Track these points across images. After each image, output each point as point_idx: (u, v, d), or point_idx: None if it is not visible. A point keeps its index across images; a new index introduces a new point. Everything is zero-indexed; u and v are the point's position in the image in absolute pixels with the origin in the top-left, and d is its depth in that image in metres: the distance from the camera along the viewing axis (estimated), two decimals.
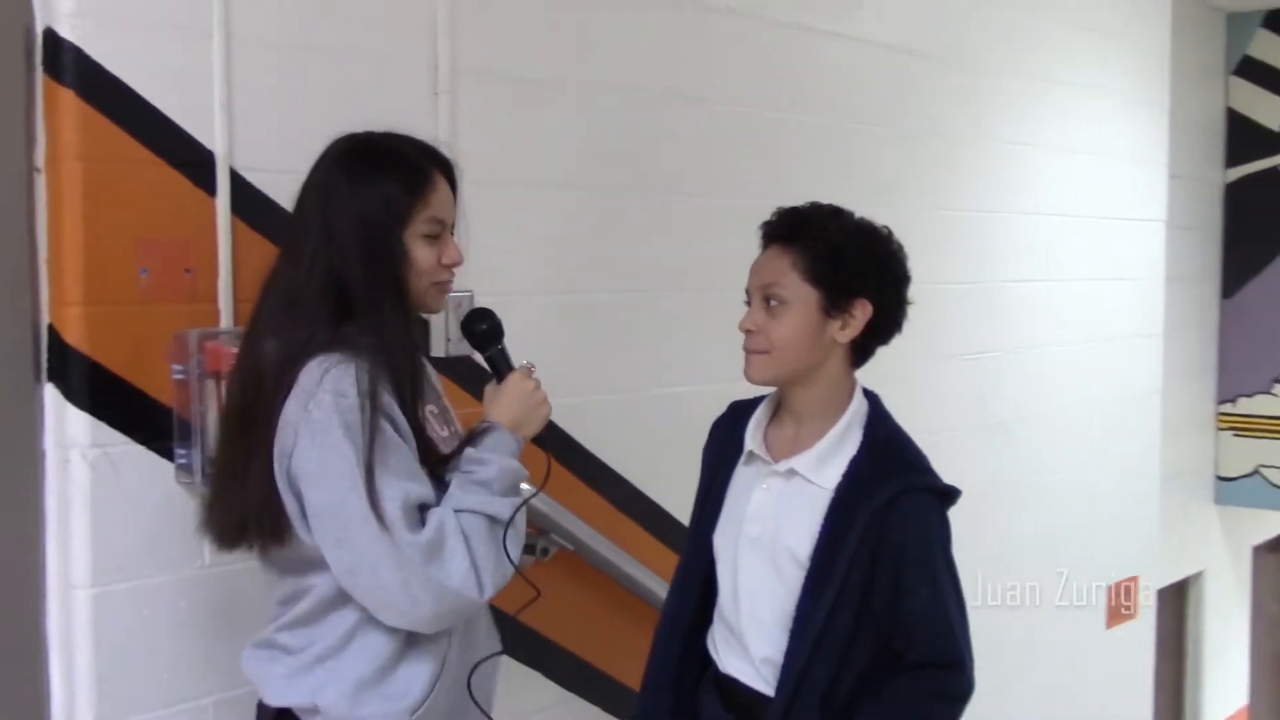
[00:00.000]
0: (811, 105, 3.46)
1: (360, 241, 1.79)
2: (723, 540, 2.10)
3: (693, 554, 2.17)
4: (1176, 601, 6.27)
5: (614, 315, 2.95)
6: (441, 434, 1.91)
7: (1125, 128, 4.86)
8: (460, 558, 1.74)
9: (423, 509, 1.76)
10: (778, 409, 2.11)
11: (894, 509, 1.93)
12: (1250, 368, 6.18)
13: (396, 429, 1.75)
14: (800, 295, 1.97)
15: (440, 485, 1.81)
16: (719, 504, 2.12)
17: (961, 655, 2.00)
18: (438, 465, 1.82)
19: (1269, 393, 6.15)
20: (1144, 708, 5.23)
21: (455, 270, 1.92)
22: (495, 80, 2.66)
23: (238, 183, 2.23)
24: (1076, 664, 4.71)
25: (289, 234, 1.86)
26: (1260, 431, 6.19)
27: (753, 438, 2.09)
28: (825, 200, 2.08)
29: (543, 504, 2.71)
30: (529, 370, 1.99)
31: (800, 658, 1.95)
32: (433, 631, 1.80)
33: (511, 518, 1.81)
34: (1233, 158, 6.19)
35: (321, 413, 1.70)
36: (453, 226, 1.92)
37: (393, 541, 1.69)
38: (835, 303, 1.97)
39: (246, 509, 1.78)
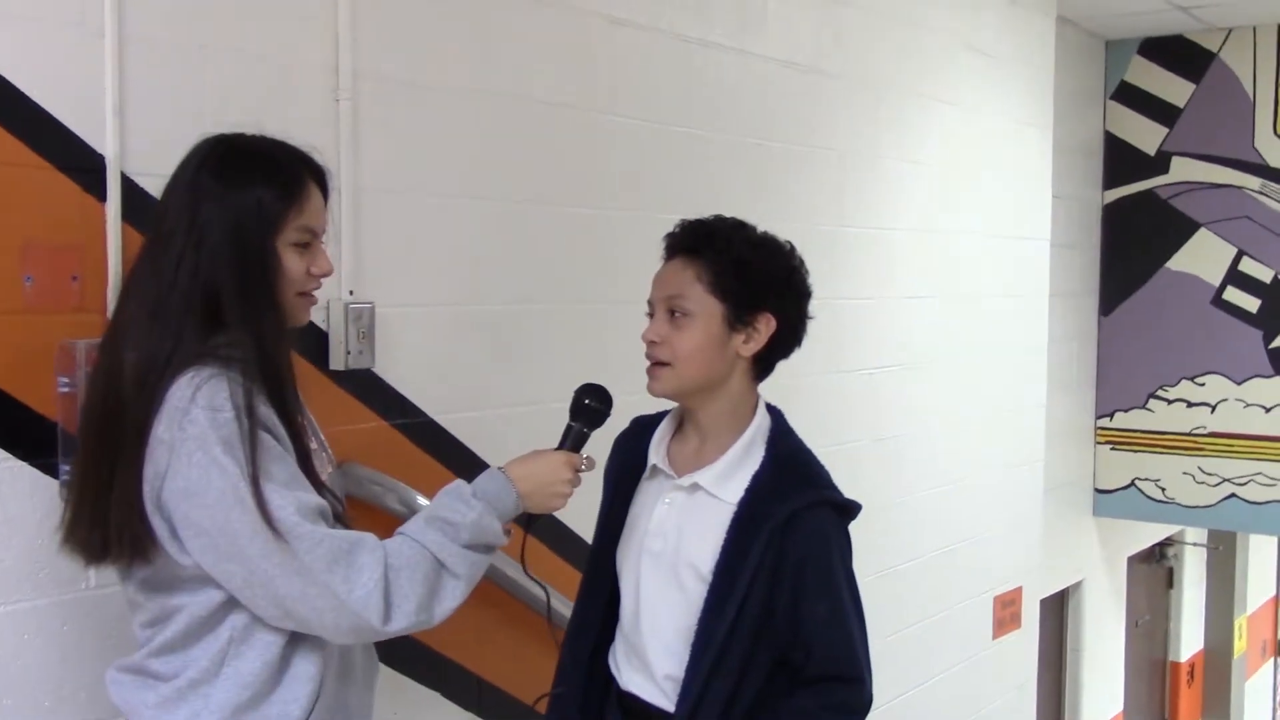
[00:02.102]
0: (715, 121, 3.47)
1: (232, 247, 1.71)
2: (625, 555, 2.09)
3: (596, 570, 2.16)
4: (1057, 611, 6.43)
5: (514, 327, 2.91)
6: (311, 446, 1.83)
7: (1012, 148, 4.97)
8: (370, 575, 1.67)
9: (324, 517, 1.70)
10: (681, 423, 2.10)
11: (795, 524, 1.94)
12: (1127, 383, 6.38)
13: (277, 440, 1.69)
14: (705, 308, 1.97)
15: (321, 496, 1.74)
16: (621, 519, 2.11)
17: (860, 670, 2.02)
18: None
19: (1144, 408, 6.35)
20: (1028, 715, 5.34)
21: (322, 281, 1.85)
22: (397, 86, 2.61)
23: (129, 188, 2.15)
24: (966, 675, 4.80)
25: (152, 236, 1.77)
26: (1136, 446, 6.38)
27: (656, 452, 2.08)
28: (724, 214, 2.09)
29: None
30: (580, 463, 1.94)
31: (701, 673, 1.94)
32: (345, 644, 1.74)
33: (469, 578, 1.76)
34: (1111, 179, 6.38)
35: (197, 430, 1.63)
36: (323, 236, 1.84)
37: (288, 551, 1.63)
38: (739, 316, 1.98)
39: (109, 528, 1.70)
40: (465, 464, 2.79)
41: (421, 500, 2.62)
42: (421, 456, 2.70)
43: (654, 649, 2.02)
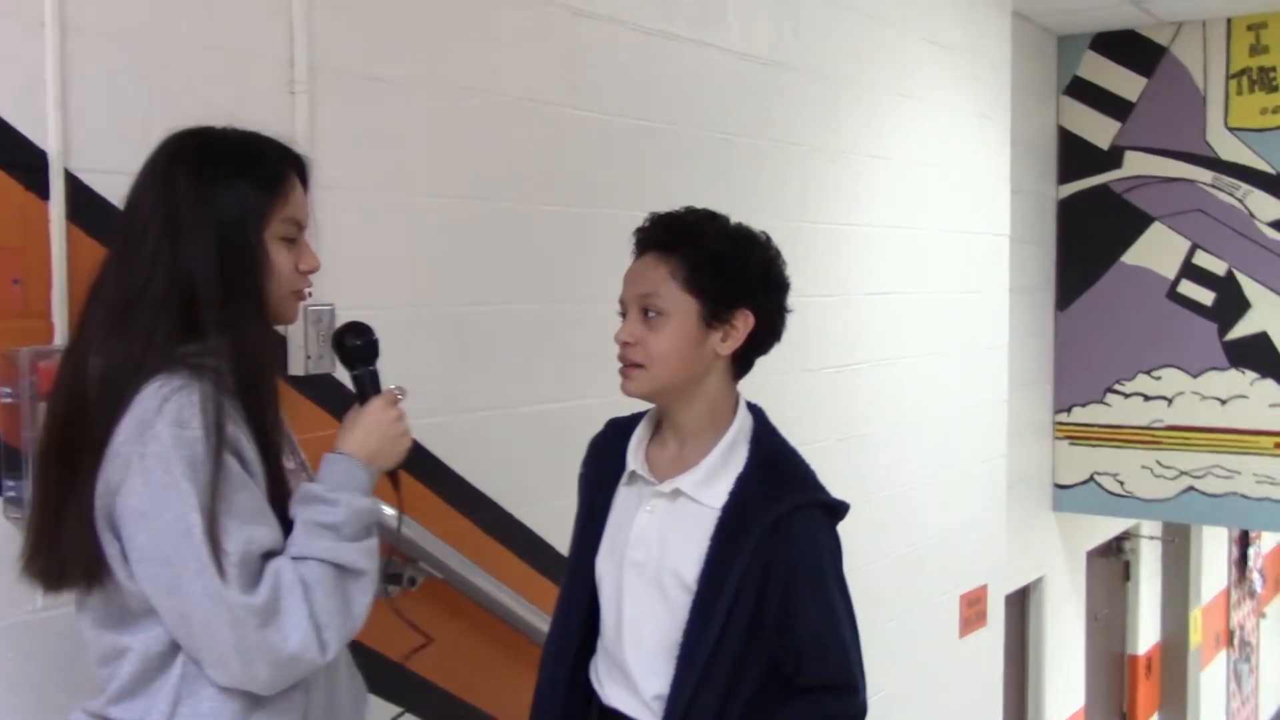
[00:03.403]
0: (678, 114, 3.39)
1: (214, 244, 1.60)
2: (606, 567, 1.99)
3: (574, 582, 2.06)
4: (1018, 607, 6.41)
5: (479, 328, 2.81)
6: (288, 466, 1.72)
7: (970, 142, 4.94)
8: (299, 616, 1.56)
9: (266, 558, 1.59)
10: (659, 426, 2.01)
11: (783, 527, 1.86)
12: (1084, 378, 6.38)
13: (244, 464, 1.58)
14: (679, 305, 1.88)
15: (287, 524, 1.64)
16: (600, 528, 2.02)
17: (854, 677, 1.94)
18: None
19: (1102, 402, 6.35)
20: (995, 714, 5.31)
21: (312, 278, 1.75)
22: (355, 79, 2.51)
23: (74, 185, 2.03)
24: (934, 675, 4.76)
25: (121, 237, 1.65)
26: (1094, 440, 6.39)
27: (634, 457, 1.99)
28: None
29: (409, 529, 2.56)
30: (395, 397, 1.82)
31: (688, 687, 1.86)
32: (270, 694, 1.61)
33: (373, 568, 1.66)
34: (1065, 174, 6.39)
35: (159, 447, 1.51)
36: (308, 230, 1.75)
37: (227, 600, 1.52)
38: (716, 313, 1.90)
39: (64, 550, 1.58)
40: (431, 470, 2.69)
41: (387, 509, 2.52)
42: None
43: (638, 664, 1.93)
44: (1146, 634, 8.20)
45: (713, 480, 1.91)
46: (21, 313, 1.98)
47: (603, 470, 2.04)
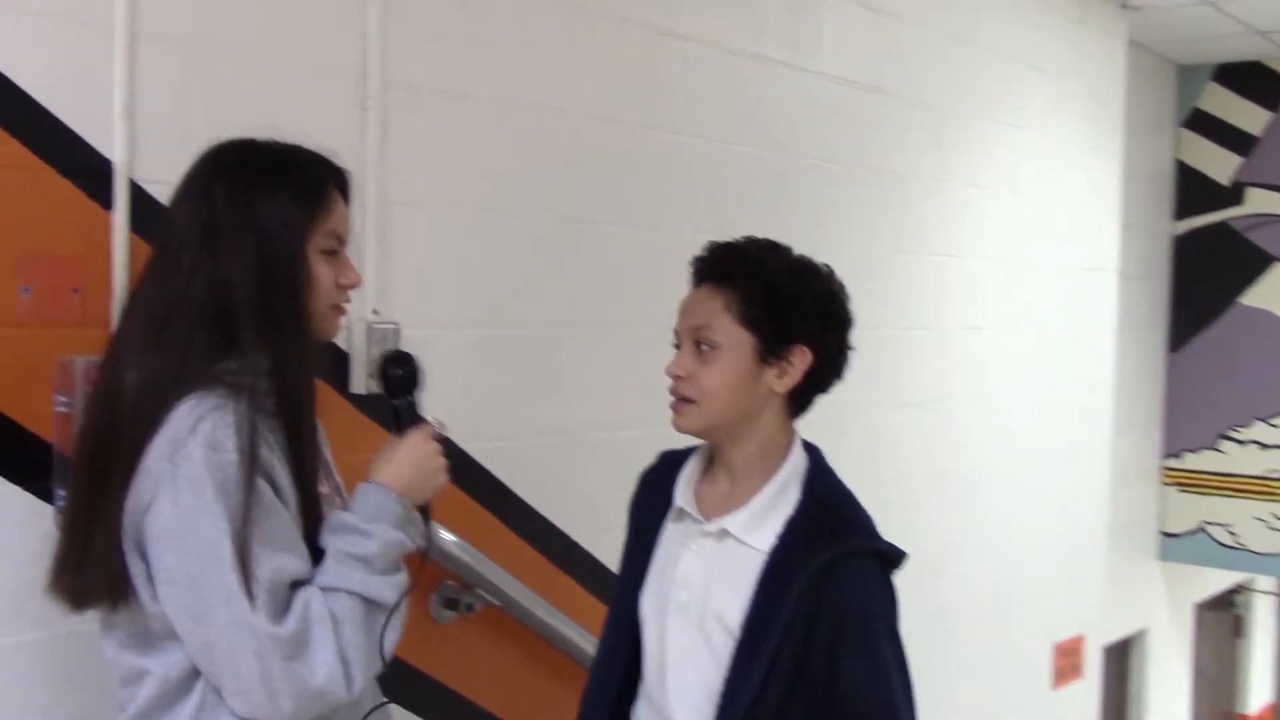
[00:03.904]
0: (767, 138, 3.31)
1: (255, 256, 1.56)
2: (650, 606, 1.90)
3: (618, 620, 1.97)
4: (1119, 660, 6.16)
5: (550, 352, 2.76)
6: (321, 490, 1.68)
7: (1080, 174, 4.78)
8: (327, 650, 1.51)
9: (294, 586, 1.53)
10: (710, 462, 1.92)
11: (832, 574, 1.75)
12: (1196, 423, 6.12)
13: (277, 490, 1.53)
14: (733, 340, 1.79)
15: (317, 551, 1.59)
16: (646, 564, 1.93)
17: None
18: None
19: (1214, 449, 6.08)
20: None
21: (351, 293, 1.70)
22: (429, 94, 2.48)
23: (138, 195, 2.02)
24: None
25: (160, 247, 1.62)
26: (1205, 488, 6.12)
27: (683, 493, 1.91)
28: (776, 238, 1.91)
29: (467, 555, 2.51)
30: (435, 431, 1.76)
31: None
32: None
33: (397, 604, 1.60)
34: (1182, 209, 6.15)
35: (191, 468, 1.47)
36: (348, 244, 1.70)
37: (254, 629, 1.47)
38: (771, 348, 1.80)
39: (90, 570, 1.55)
40: (496, 495, 2.63)
41: (445, 534, 2.48)
42: (447, 486, 2.54)
43: (680, 710, 1.84)
44: (1258, 693, 7.83)
45: (761, 522, 1.81)
46: (80, 321, 1.97)
47: (652, 504, 1.96)
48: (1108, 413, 5.07)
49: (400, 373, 1.78)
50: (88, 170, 1.97)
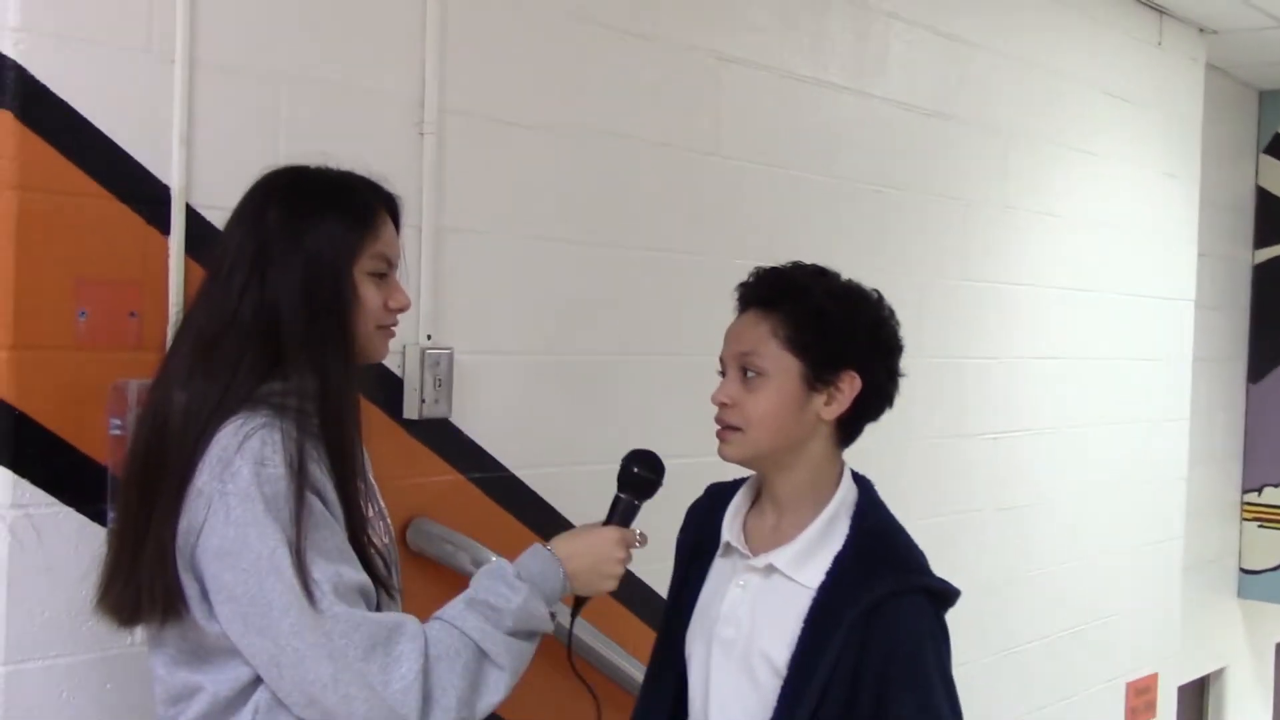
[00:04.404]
0: (829, 164, 3.28)
1: (302, 277, 1.59)
2: (695, 642, 1.87)
3: (663, 657, 1.94)
4: (1196, 700, 5.97)
5: (604, 379, 2.75)
6: (367, 513, 1.68)
7: (1154, 202, 4.67)
8: (410, 666, 1.51)
9: (365, 597, 1.54)
10: (758, 495, 1.89)
11: (881, 613, 1.70)
12: (1278, 456, 5.93)
13: (326, 505, 1.54)
14: (780, 366, 1.76)
15: (370, 571, 1.59)
16: (693, 600, 1.90)
17: None
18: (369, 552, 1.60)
19: None
20: None
21: (400, 316, 1.72)
22: (485, 121, 2.48)
23: (195, 221, 2.05)
24: None
25: (212, 270, 1.65)
26: None
27: (730, 527, 1.87)
28: (837, 265, 1.88)
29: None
30: (633, 539, 1.78)
31: None
32: None
33: (513, 671, 1.60)
34: (1262, 238, 5.98)
35: (240, 484, 1.49)
36: (397, 268, 1.71)
37: (323, 630, 1.47)
38: (819, 375, 1.76)
39: (140, 585, 1.56)
40: (547, 522, 2.61)
41: (496, 559, 2.47)
42: (499, 513, 2.54)
43: None
44: None
45: (810, 557, 1.77)
46: (136, 345, 2.00)
47: (699, 539, 1.93)
48: (1184, 445, 4.94)
49: (643, 476, 1.82)
50: (146, 196, 2.00)
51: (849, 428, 1.82)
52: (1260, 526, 6.01)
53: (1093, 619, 4.42)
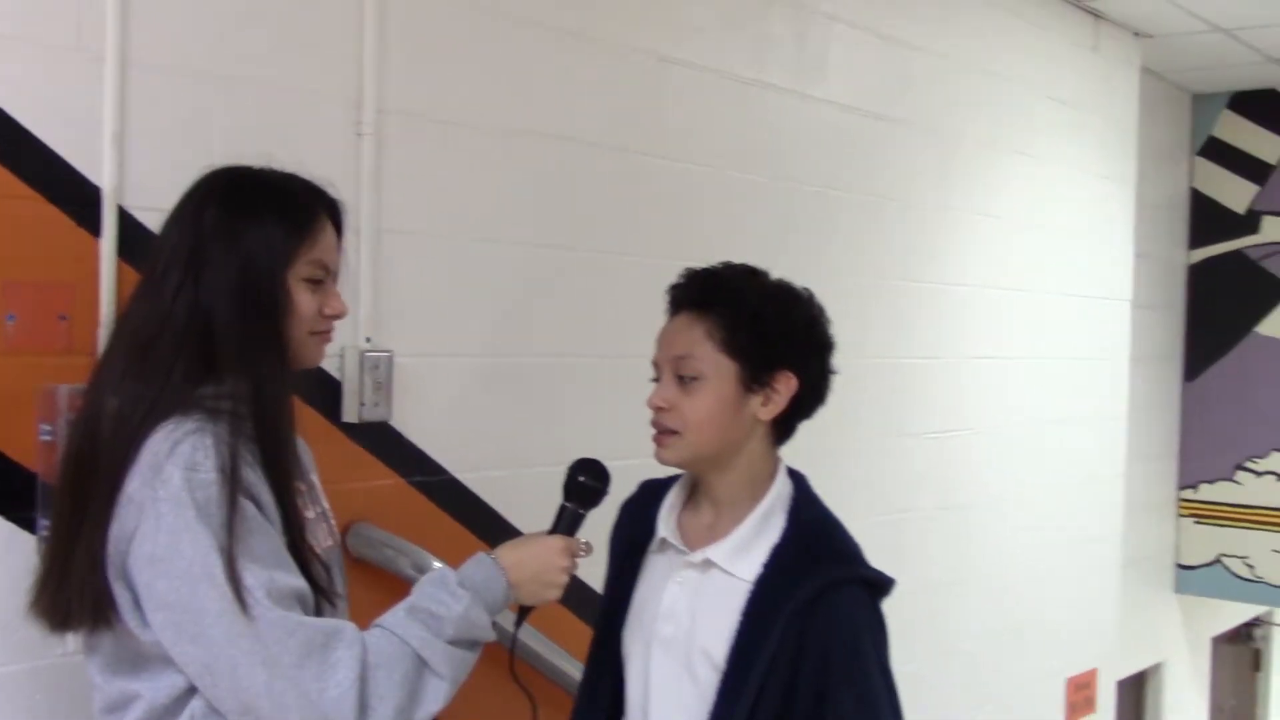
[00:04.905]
0: (770, 165, 3.28)
1: (236, 281, 1.56)
2: (633, 641, 1.86)
3: (600, 657, 1.94)
4: (1134, 695, 6.07)
5: (546, 381, 2.73)
6: (307, 515, 1.66)
7: (1092, 203, 4.74)
8: (346, 673, 1.48)
9: (303, 603, 1.52)
10: (693, 491, 1.89)
11: (819, 605, 1.71)
12: (1213, 453, 6.04)
13: (261, 509, 1.52)
14: (717, 369, 1.76)
15: (309, 576, 1.56)
16: (628, 597, 1.89)
17: None
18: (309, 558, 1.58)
19: (1231, 480, 6.00)
20: None
21: (336, 325, 1.70)
22: (424, 122, 2.47)
23: (127, 223, 2.02)
24: None
25: (148, 271, 1.62)
26: (1222, 520, 6.03)
27: (665, 524, 1.87)
28: (780, 268, 1.88)
29: None
30: (577, 549, 1.77)
31: None
32: None
33: (453, 680, 1.58)
34: (1196, 238, 6.09)
35: (170, 490, 1.46)
36: (336, 274, 1.69)
37: (257, 636, 1.45)
38: (756, 376, 1.77)
39: (71, 592, 1.53)
40: (490, 527, 2.60)
41: (439, 565, 2.45)
42: (442, 518, 2.52)
43: None
44: None
45: (746, 551, 1.77)
46: (66, 349, 1.96)
47: (633, 535, 1.93)
48: (1121, 443, 5.01)
49: (589, 485, 1.80)
50: (76, 197, 1.97)
51: (784, 426, 1.83)
52: (1196, 523, 6.11)
53: (1033, 616, 4.46)
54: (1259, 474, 5.94)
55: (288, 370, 1.62)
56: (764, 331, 1.75)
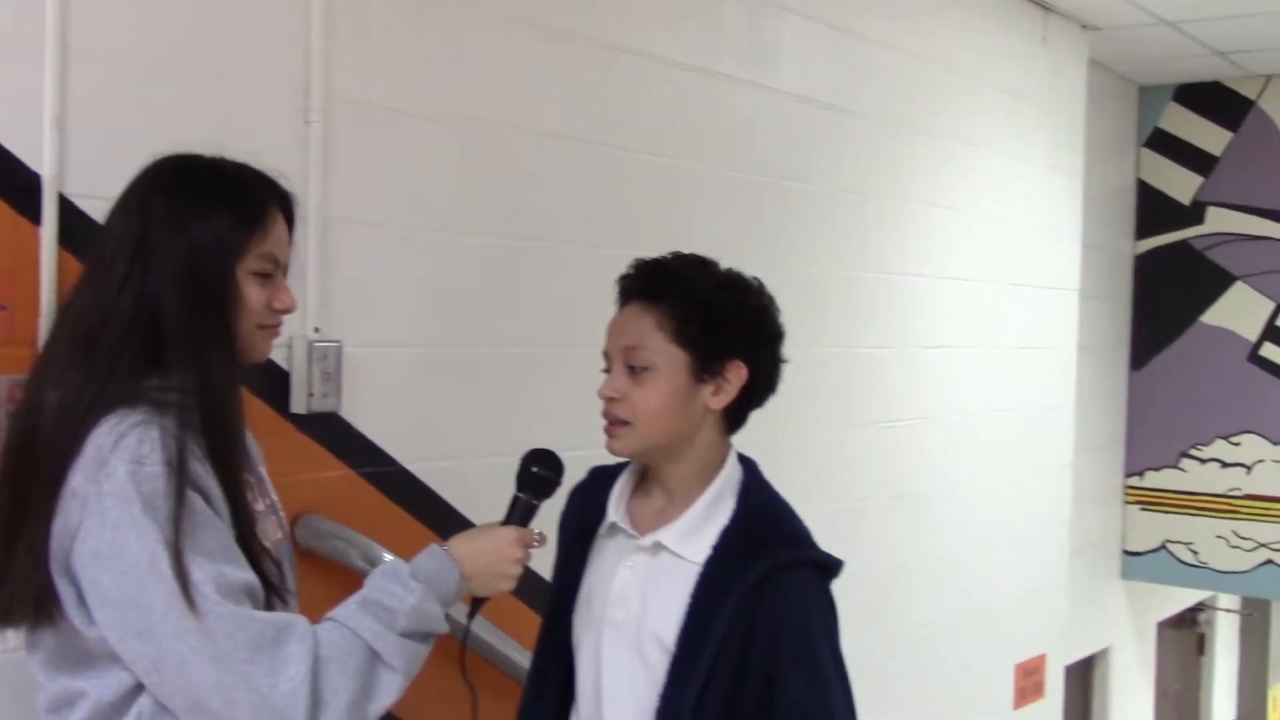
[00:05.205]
0: (722, 156, 3.28)
1: (184, 273, 1.53)
2: (584, 627, 1.87)
3: (550, 644, 1.93)
4: (1082, 680, 6.14)
5: (498, 371, 2.71)
6: (257, 508, 1.63)
7: (1041, 194, 4.78)
8: (298, 668, 1.46)
9: (253, 598, 1.50)
10: (643, 478, 1.89)
11: (768, 586, 1.72)
12: (1158, 441, 6.13)
13: (209, 502, 1.49)
14: (668, 359, 1.76)
15: (259, 570, 1.54)
16: (577, 583, 1.89)
17: None
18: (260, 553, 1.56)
19: (1176, 467, 6.09)
20: None
21: (284, 317, 1.67)
22: (373, 110, 2.44)
23: (68, 210, 1.98)
24: None
25: (92, 260, 1.59)
26: (1167, 507, 6.12)
27: (615, 508, 1.88)
28: (733, 259, 1.88)
29: None
30: (531, 539, 1.76)
31: None
32: None
33: (406, 673, 1.56)
34: (1143, 229, 6.16)
35: (115, 484, 1.43)
36: (286, 268, 1.66)
37: (206, 632, 1.43)
38: (707, 366, 1.77)
39: (12, 588, 1.50)
40: (442, 518, 2.58)
41: (389, 557, 2.43)
42: (392, 509, 2.50)
43: None
44: (1221, 711, 7.84)
45: (696, 533, 1.78)
46: (6, 340, 1.92)
47: (583, 522, 1.92)
48: (1069, 432, 5.07)
49: (542, 475, 1.80)
50: (15, 184, 1.92)
51: (736, 415, 1.84)
52: (1142, 510, 6.20)
53: (983, 603, 4.51)
54: (1203, 461, 6.03)
55: (237, 363, 1.60)
56: (714, 321, 1.76)
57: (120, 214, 1.59)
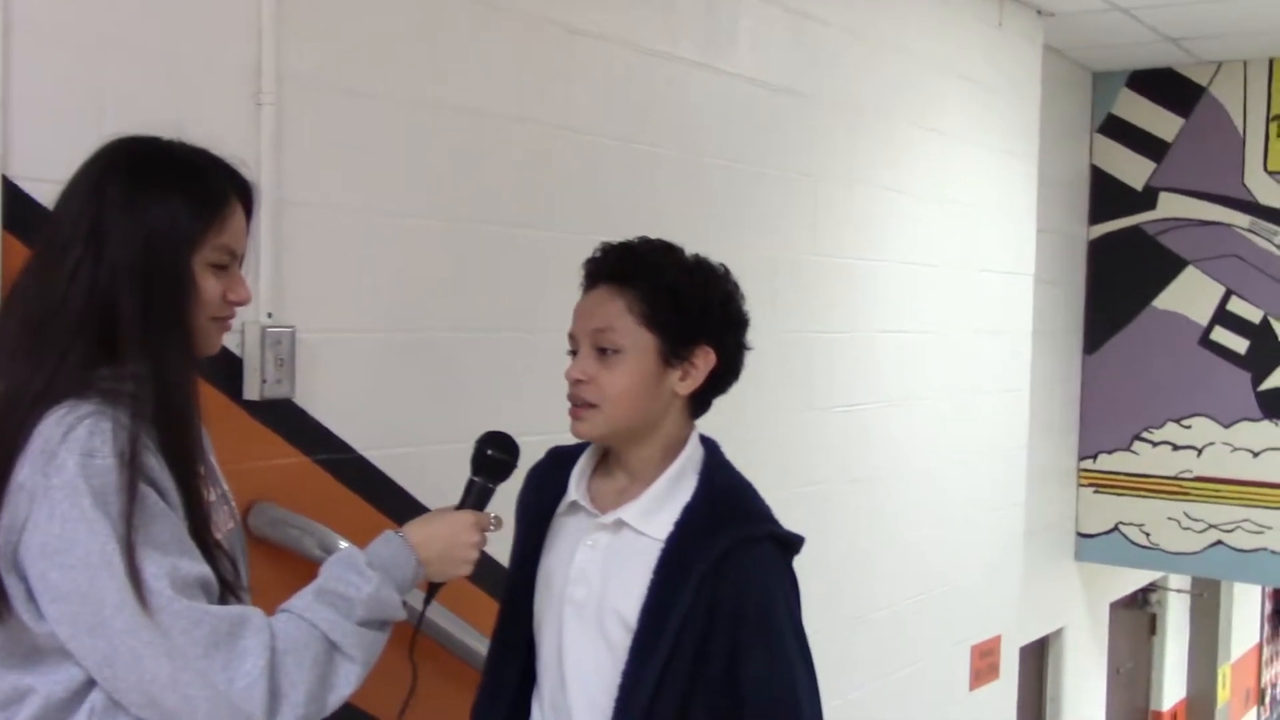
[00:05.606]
0: (679, 139, 3.27)
1: (139, 262, 1.48)
2: (544, 606, 1.86)
3: (510, 623, 1.93)
4: (1036, 659, 6.21)
5: (453, 356, 2.69)
6: (209, 499, 1.60)
7: (995, 179, 4.80)
8: (255, 662, 1.44)
9: (207, 591, 1.47)
10: (605, 459, 1.88)
11: (730, 562, 1.72)
12: (1111, 424, 6.19)
13: (162, 495, 1.46)
14: (637, 342, 1.76)
15: (214, 567, 1.52)
16: (536, 564, 1.88)
17: None
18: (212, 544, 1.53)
19: (1129, 450, 6.16)
20: None
21: (238, 309, 1.64)
22: (326, 91, 2.40)
23: (12, 194, 1.94)
24: None
25: (43, 245, 1.54)
26: (1120, 489, 6.19)
27: (576, 487, 1.87)
28: (691, 242, 1.87)
29: None
30: (487, 523, 1.75)
31: None
32: None
33: (365, 663, 1.54)
34: (1096, 214, 6.22)
35: (64, 478, 1.39)
36: (242, 260, 1.63)
37: (160, 627, 1.40)
38: (675, 350, 1.78)
39: None
40: (397, 505, 2.56)
41: (345, 544, 2.40)
42: (348, 496, 2.47)
43: (582, 711, 1.79)
44: (1172, 690, 7.95)
45: (658, 510, 1.78)
46: None
47: (541, 503, 1.91)
48: (1024, 415, 5.10)
49: (497, 458, 1.78)
50: None
51: (700, 400, 1.84)
52: (1095, 492, 6.27)
53: (939, 585, 4.53)
54: (1155, 444, 6.10)
55: (192, 354, 1.56)
56: (684, 306, 1.76)
57: (73, 197, 1.54)
